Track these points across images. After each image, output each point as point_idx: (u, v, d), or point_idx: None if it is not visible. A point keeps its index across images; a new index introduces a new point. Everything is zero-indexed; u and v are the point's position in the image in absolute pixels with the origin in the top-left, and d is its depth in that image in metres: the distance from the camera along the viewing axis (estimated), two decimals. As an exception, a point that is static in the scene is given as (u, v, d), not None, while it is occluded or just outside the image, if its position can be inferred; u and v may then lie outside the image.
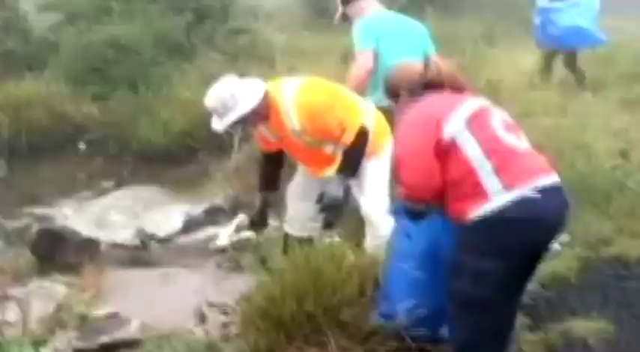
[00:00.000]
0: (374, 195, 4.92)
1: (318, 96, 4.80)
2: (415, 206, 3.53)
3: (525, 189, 3.31)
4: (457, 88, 3.66)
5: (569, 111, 8.17)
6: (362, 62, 5.82)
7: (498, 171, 3.35)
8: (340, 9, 6.18)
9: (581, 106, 8.45)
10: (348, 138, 4.77)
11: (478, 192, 3.35)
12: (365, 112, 4.92)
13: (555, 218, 3.43)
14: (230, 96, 4.69)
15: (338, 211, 4.91)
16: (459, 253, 3.44)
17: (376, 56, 5.78)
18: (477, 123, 3.43)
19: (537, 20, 9.96)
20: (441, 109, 3.48)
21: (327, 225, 5.03)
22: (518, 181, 3.33)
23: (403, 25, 6.12)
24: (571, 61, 9.93)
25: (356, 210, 5.09)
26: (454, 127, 3.39)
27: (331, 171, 4.92)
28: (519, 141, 3.48)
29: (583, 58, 10.02)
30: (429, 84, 3.65)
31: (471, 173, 3.37)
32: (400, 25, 6.11)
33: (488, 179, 3.34)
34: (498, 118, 3.51)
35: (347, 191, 4.88)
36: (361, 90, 5.60)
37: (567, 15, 9.61)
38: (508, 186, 3.32)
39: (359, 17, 6.04)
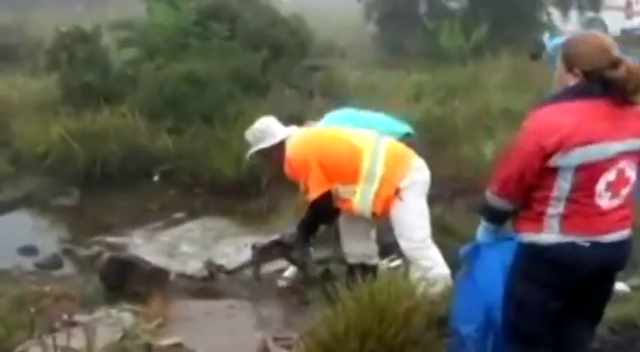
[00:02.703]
0: (405, 235, 5.25)
1: (302, 150, 5.40)
2: (501, 206, 3.51)
3: (577, 239, 3.31)
4: (630, 101, 3.30)
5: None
6: None
7: (565, 217, 3.32)
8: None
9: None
10: (311, 197, 5.36)
11: (537, 221, 3.36)
12: (363, 171, 5.29)
13: (595, 268, 3.39)
14: (257, 132, 5.62)
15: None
16: (512, 278, 3.52)
17: None
18: (587, 172, 3.27)
19: None
20: (572, 133, 3.22)
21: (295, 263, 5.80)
22: (575, 231, 3.32)
23: None
24: None
25: None
26: (565, 163, 3.26)
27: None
28: (611, 200, 3.33)
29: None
30: (607, 81, 3.24)
31: (545, 202, 3.34)
32: None
33: (552, 219, 3.33)
34: (612, 176, 3.31)
35: None
36: None
37: None
38: (562, 232, 3.33)
39: None
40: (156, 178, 9.53)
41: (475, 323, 3.74)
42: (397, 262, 5.92)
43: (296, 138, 5.50)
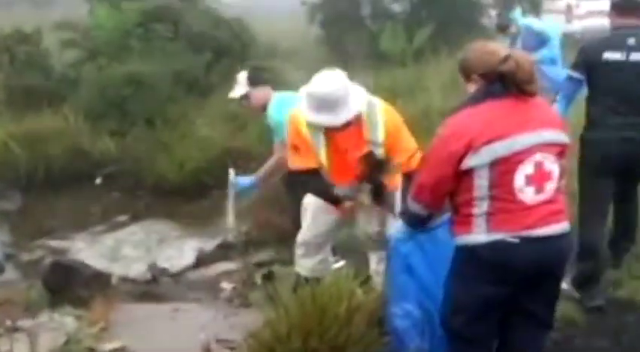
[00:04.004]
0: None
1: (399, 117, 4.96)
2: (418, 210, 3.62)
3: (506, 236, 3.37)
4: (528, 92, 3.43)
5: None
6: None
7: (491, 215, 3.39)
8: (244, 89, 6.31)
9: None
10: (415, 161, 4.77)
11: (467, 223, 3.45)
12: None
13: (530, 266, 3.42)
14: (345, 94, 4.69)
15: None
16: (449, 281, 3.59)
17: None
18: (501, 167, 3.36)
19: None
20: (479, 134, 3.35)
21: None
22: (502, 228, 3.38)
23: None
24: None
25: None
26: (477, 162, 3.35)
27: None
28: (536, 195, 3.40)
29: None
30: (502, 77, 3.41)
31: (469, 203, 3.42)
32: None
33: (478, 218, 3.41)
34: (530, 169, 3.38)
35: None
36: None
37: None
38: (490, 230, 3.39)
39: (261, 104, 6.26)
40: (98, 181, 9.49)
41: (411, 319, 3.84)
42: (340, 263, 5.97)
43: (373, 100, 4.94)
